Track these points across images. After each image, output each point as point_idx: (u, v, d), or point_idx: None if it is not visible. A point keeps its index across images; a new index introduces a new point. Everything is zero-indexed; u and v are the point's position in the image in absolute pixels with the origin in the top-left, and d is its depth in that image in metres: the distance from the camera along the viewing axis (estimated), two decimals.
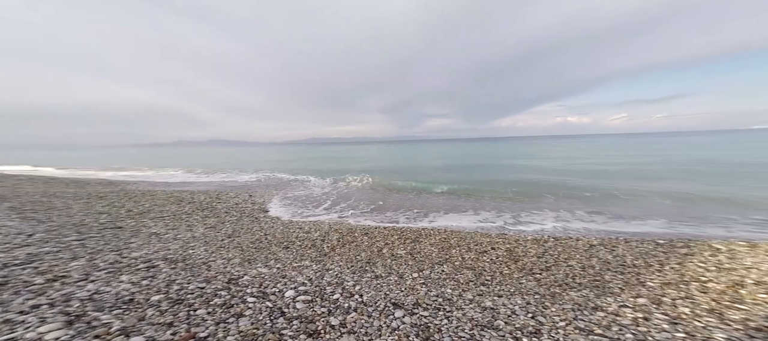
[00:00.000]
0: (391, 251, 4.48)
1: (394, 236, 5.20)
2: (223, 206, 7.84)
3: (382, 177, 14.64)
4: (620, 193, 8.64)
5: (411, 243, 4.75)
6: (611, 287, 2.82)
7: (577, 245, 4.18)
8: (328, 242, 4.91)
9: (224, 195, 9.32)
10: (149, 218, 5.99)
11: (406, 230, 5.52)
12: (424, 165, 22.23)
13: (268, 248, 4.59)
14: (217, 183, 14.06)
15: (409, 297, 2.79)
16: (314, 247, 4.67)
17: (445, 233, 5.17)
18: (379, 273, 3.59)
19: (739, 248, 3.79)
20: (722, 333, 1.90)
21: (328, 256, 4.25)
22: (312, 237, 5.21)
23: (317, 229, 5.85)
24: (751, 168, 13.52)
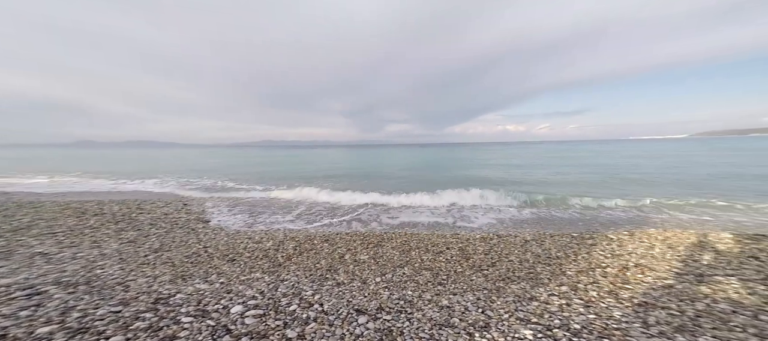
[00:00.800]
0: (354, 257, 4.43)
1: (357, 241, 5.15)
2: (148, 217, 6.66)
3: (344, 182, 14.37)
4: (549, 193, 10.23)
5: (374, 248, 4.78)
6: (542, 278, 3.31)
7: (516, 241, 4.79)
8: (283, 252, 4.59)
9: (148, 205, 7.93)
10: (31, 236, 4.74)
11: (369, 235, 5.52)
12: (386, 170, 22.57)
13: (209, 261, 4.08)
14: (137, 192, 11.91)
15: (373, 301, 2.81)
16: (267, 258, 4.32)
17: (406, 236, 5.34)
18: (341, 280, 3.52)
19: (624, 237, 4.86)
20: (618, 310, 2.41)
21: (284, 266, 3.98)
22: (264, 247, 4.81)
23: (270, 238, 5.42)
24: (632, 171, 17.46)
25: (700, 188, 10.54)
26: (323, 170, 22.36)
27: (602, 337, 1.99)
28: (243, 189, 12.95)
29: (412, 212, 8.15)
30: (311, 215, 7.89)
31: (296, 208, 8.76)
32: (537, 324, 2.34)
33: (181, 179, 16.17)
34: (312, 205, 9.30)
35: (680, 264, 3.50)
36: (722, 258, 3.66)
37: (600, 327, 2.14)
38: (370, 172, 20.55)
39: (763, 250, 3.89)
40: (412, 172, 19.66)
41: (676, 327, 2.05)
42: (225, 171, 21.21)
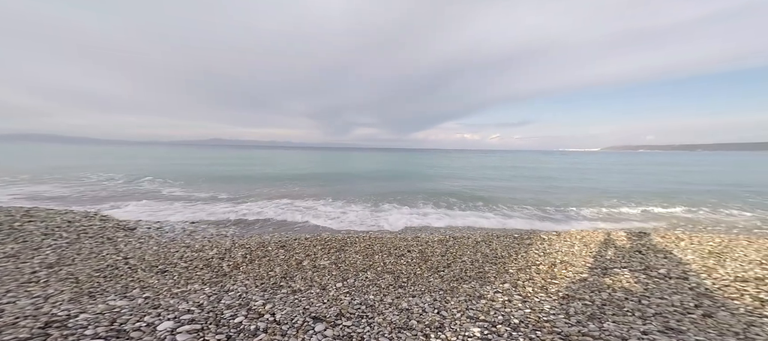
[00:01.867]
0: (313, 263, 4.27)
1: (318, 246, 4.98)
2: (41, 226, 5.45)
3: (303, 185, 13.76)
4: (499, 197, 11.33)
5: (336, 252, 4.68)
6: (489, 277, 3.66)
7: (468, 242, 5.20)
8: (229, 261, 4.21)
9: (40, 212, 6.43)
10: None
11: (330, 240, 5.38)
12: (352, 172, 22.26)
13: (130, 274, 3.57)
14: (27, 195, 9.63)
15: (333, 308, 2.76)
16: (208, 267, 3.92)
17: (370, 240, 5.35)
18: (297, 287, 3.38)
19: (553, 237, 5.67)
20: (548, 303, 2.81)
21: (230, 276, 3.67)
22: (206, 256, 4.35)
23: (214, 246, 4.92)
24: (566, 180, 20.36)
25: (609, 193, 12.90)
26: (283, 172, 21.06)
27: (536, 330, 2.30)
28: (184, 189, 11.47)
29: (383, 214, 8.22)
30: (264, 220, 7.36)
31: (249, 214, 8.08)
32: (484, 321, 2.58)
33: (108, 178, 13.60)
34: (266, 210, 8.69)
35: (592, 259, 4.24)
36: (619, 252, 4.54)
37: (534, 321, 2.47)
38: (338, 174, 20.04)
39: (644, 245, 4.95)
40: (379, 182, 19.78)
41: (589, 315, 2.48)
42: (165, 170, 18.49)
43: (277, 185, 13.62)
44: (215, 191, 11.68)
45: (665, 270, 3.66)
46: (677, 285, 3.17)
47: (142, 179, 14.30)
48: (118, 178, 14.60)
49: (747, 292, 2.91)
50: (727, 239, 5.44)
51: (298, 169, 23.33)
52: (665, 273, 3.54)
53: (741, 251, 4.48)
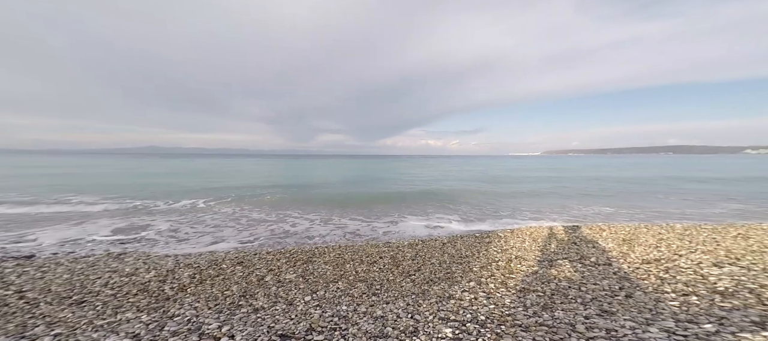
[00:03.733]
0: (277, 278, 3.99)
1: (282, 259, 4.66)
2: None
3: (267, 195, 12.81)
4: (461, 199, 11.99)
5: (303, 265, 4.43)
6: (456, 277, 3.83)
7: (436, 245, 5.39)
8: (173, 283, 3.72)
9: None
10: None
11: (296, 252, 5.08)
12: (319, 181, 21.45)
13: (29, 311, 2.96)
14: None
15: (302, 323, 2.60)
16: (145, 292, 3.43)
17: (340, 249, 5.19)
18: (260, 305, 3.13)
19: (508, 234, 6.22)
20: (508, 298, 3.05)
21: (174, 300, 3.23)
22: (140, 280, 3.79)
23: (152, 268, 4.30)
24: (514, 181, 22.51)
25: (548, 192, 14.68)
26: (239, 182, 19.39)
27: (500, 324, 2.47)
28: (106, 204, 9.82)
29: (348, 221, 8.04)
30: (218, 236, 6.66)
31: (199, 230, 7.22)
32: (455, 321, 2.67)
33: None
34: (219, 225, 7.88)
35: (540, 252, 4.75)
36: (560, 245, 5.18)
37: (498, 315, 2.65)
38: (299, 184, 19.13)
39: (578, 236, 5.73)
40: (345, 187, 19.46)
41: (542, 305, 2.75)
42: (75, 184, 15.58)
43: (236, 197, 12.46)
44: (148, 206, 10.17)
45: (595, 258, 4.28)
46: (604, 271, 3.72)
47: (47, 196, 11.77)
48: (10, 197, 11.81)
49: (651, 272, 3.56)
50: (633, 227, 6.61)
51: (259, 178, 21.68)
52: (595, 261, 4.14)
53: (643, 237, 5.47)
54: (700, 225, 6.62)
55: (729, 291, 2.81)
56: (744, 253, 4.18)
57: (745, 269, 3.53)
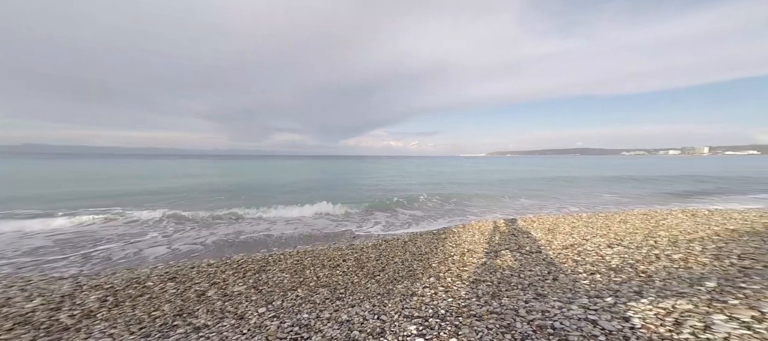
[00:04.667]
0: (223, 291, 3.62)
1: (228, 271, 4.22)
2: None
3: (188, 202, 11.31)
4: (421, 197, 12.52)
5: (254, 275, 4.08)
6: (418, 274, 4.02)
7: (397, 244, 5.55)
8: (73, 310, 3.10)
9: None
10: None
11: (245, 262, 4.64)
12: (267, 183, 19.81)
13: None
14: None
15: (256, 337, 2.44)
16: (28, 325, 2.81)
17: (298, 255, 4.92)
18: (202, 323, 2.82)
19: (460, 229, 6.78)
20: (463, 290, 3.34)
21: (77, 329, 2.73)
22: (19, 311, 3.06)
23: (37, 293, 3.51)
24: (468, 179, 24.50)
25: (493, 189, 16.48)
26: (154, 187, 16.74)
27: (458, 316, 2.69)
28: None
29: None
30: (128, 250, 5.68)
31: (100, 243, 6.04)
32: (418, 318, 2.80)
33: None
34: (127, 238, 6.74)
35: (487, 245, 5.32)
36: (502, 236, 5.89)
37: (455, 308, 2.87)
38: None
39: (515, 228, 6.61)
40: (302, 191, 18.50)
41: (492, 294, 3.10)
42: None
43: (164, 202, 10.67)
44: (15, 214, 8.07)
45: (529, 247, 5.00)
46: (536, 258, 4.38)
47: None
48: None
49: (569, 256, 4.34)
50: (554, 217, 7.93)
51: (196, 180, 18.98)
52: (529, 250, 4.84)
53: (562, 226, 6.62)
54: (597, 214, 8.31)
55: (619, 268, 3.61)
56: (625, 235, 5.41)
57: (626, 247, 4.57)
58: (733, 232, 4.97)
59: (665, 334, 1.75)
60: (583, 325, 2.00)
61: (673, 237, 4.88)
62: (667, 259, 3.74)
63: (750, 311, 1.98)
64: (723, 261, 3.48)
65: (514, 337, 2.02)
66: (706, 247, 4.11)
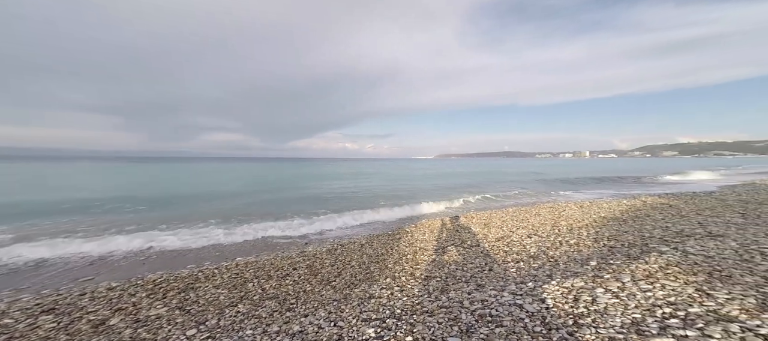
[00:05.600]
0: (134, 317, 3.06)
1: (141, 293, 3.56)
2: None
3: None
4: (376, 198, 12.61)
5: (178, 294, 3.53)
6: (375, 276, 4.08)
7: (354, 247, 5.51)
8: None
9: None
10: None
11: (165, 281, 3.97)
12: (192, 190, 17.12)
13: None
14: None
15: None
16: None
17: (238, 268, 4.42)
18: None
19: (413, 229, 7.16)
20: (417, 288, 3.54)
21: None
22: None
23: None
24: (412, 175, 25.67)
25: (441, 187, 17.83)
26: None
27: (412, 314, 2.84)
28: None
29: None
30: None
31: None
32: (376, 320, 2.86)
33: None
34: None
35: (436, 242, 5.76)
36: (448, 233, 6.47)
37: (410, 306, 3.03)
38: None
39: (459, 225, 7.34)
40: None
41: (441, 289, 3.37)
42: None
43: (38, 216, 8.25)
44: None
45: (470, 242, 5.62)
46: (475, 251, 4.96)
47: None
48: None
49: (500, 248, 5.06)
50: (489, 213, 9.11)
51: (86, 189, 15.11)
52: (470, 244, 5.44)
53: (495, 220, 7.66)
54: (520, 208, 9.90)
55: (536, 255, 4.39)
56: (539, 226, 6.60)
57: (540, 236, 5.59)
58: (604, 219, 6.58)
59: (569, 310, 2.22)
60: (513, 310, 2.37)
61: (570, 226, 6.17)
62: (567, 245, 4.73)
63: (616, 282, 2.68)
64: (599, 243, 4.58)
65: (460, 328, 2.25)
66: (590, 233, 5.35)
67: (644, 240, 4.30)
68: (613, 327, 1.85)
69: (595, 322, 1.95)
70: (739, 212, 5.99)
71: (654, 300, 2.18)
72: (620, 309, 2.11)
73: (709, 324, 1.75)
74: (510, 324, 2.14)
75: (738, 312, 1.86)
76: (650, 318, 1.91)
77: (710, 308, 1.96)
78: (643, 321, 1.87)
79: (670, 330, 1.73)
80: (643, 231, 4.90)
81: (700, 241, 3.81)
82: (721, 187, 12.94)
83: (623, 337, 1.72)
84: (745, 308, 1.91)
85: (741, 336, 1.59)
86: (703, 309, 1.94)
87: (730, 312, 1.87)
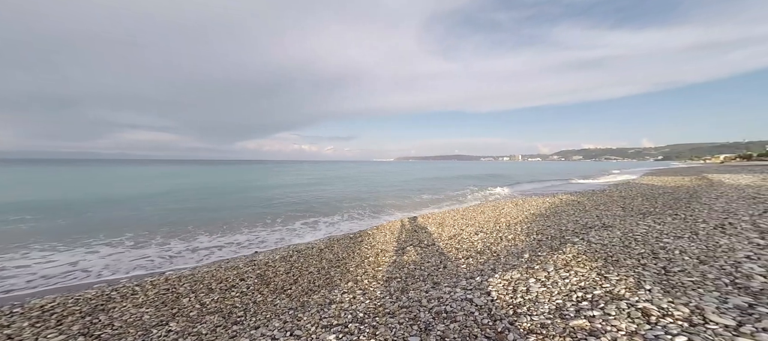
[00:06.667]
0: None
1: (20, 321, 2.87)
2: None
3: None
4: (336, 203, 12.18)
5: (83, 318, 2.92)
6: (336, 281, 3.96)
7: (312, 252, 5.26)
8: None
9: None
10: None
11: (61, 304, 3.23)
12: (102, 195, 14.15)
13: None
14: None
15: None
16: None
17: (167, 283, 3.81)
18: None
19: (374, 231, 7.20)
20: (379, 290, 3.57)
21: None
22: None
23: None
24: (385, 180, 25.75)
25: (400, 191, 18.32)
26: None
27: (375, 316, 2.85)
28: None
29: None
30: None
31: None
32: (337, 326, 2.78)
33: None
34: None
35: (396, 243, 5.91)
36: (407, 234, 6.71)
37: (372, 309, 3.03)
38: None
39: (417, 225, 7.68)
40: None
41: (401, 289, 3.47)
42: None
43: None
44: None
45: (427, 241, 5.94)
46: (432, 250, 5.26)
47: None
48: None
49: (453, 246, 5.48)
50: (443, 212, 9.78)
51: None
52: (427, 243, 5.75)
53: (448, 220, 8.26)
54: (468, 207, 10.89)
55: (482, 250, 4.89)
56: (484, 223, 7.37)
57: (485, 233, 6.25)
58: (533, 215, 7.72)
59: (509, 301, 2.53)
60: (464, 305, 2.58)
61: (508, 222, 7.06)
62: (506, 240, 5.39)
63: (544, 272, 3.17)
64: (530, 237, 5.35)
65: (420, 327, 2.35)
66: (523, 228, 6.21)
67: (562, 233, 5.19)
68: (543, 313, 2.18)
69: (529, 310, 2.27)
70: (620, 207, 7.72)
71: (571, 285, 2.65)
72: (547, 296, 2.50)
73: (607, 303, 2.20)
74: (463, 319, 2.32)
75: (624, 291, 2.39)
76: (569, 302, 2.31)
77: (607, 289, 2.48)
78: (564, 306, 2.25)
79: (583, 311, 2.12)
80: (560, 225, 5.89)
81: (599, 232, 4.78)
82: (609, 185, 16.46)
83: (551, 322, 2.04)
84: (628, 287, 2.47)
85: (627, 311, 2.05)
86: (603, 291, 2.44)
87: (619, 291, 2.40)
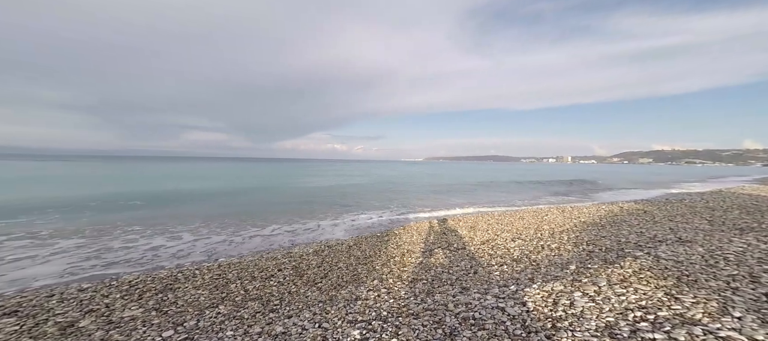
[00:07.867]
0: (107, 318, 2.98)
1: (114, 294, 3.43)
2: None
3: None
4: (366, 200, 12.53)
5: (156, 295, 3.41)
6: (362, 278, 4.03)
7: (342, 248, 5.44)
8: None
9: None
10: None
11: (143, 281, 3.83)
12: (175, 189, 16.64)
13: None
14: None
15: None
16: None
17: (220, 269, 4.29)
18: None
19: (401, 231, 7.15)
20: (403, 290, 3.52)
21: None
22: None
23: None
24: (403, 180, 25.72)
25: (428, 191, 17.95)
26: None
27: (398, 316, 2.81)
28: None
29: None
30: None
31: None
32: (362, 322, 2.81)
33: None
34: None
35: (423, 244, 5.76)
36: (435, 236, 6.50)
37: (396, 308, 3.00)
38: None
39: (446, 228, 7.39)
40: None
41: (427, 291, 3.37)
42: None
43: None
44: None
45: (456, 244, 5.67)
46: (461, 254, 5.00)
47: None
48: None
49: (486, 251, 5.13)
50: (476, 216, 9.24)
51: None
52: (456, 247, 5.49)
53: (480, 223, 7.77)
54: (506, 212, 10.09)
55: (519, 258, 4.47)
56: (523, 229, 6.74)
57: (524, 240, 5.71)
58: (584, 223, 6.80)
59: (548, 313, 2.26)
60: (495, 313, 2.39)
61: (552, 230, 6.34)
62: (548, 249, 4.84)
63: (593, 286, 2.76)
64: (579, 247, 4.72)
65: (444, 331, 2.24)
66: (570, 237, 5.51)
67: (620, 245, 4.47)
68: (588, 330, 1.90)
69: (571, 325, 1.99)
70: (706, 219, 6.34)
71: (627, 303, 2.25)
72: (595, 312, 2.17)
73: (675, 327, 1.82)
74: (492, 327, 2.15)
75: (701, 315, 1.94)
76: (623, 321, 1.97)
77: (677, 311, 2.04)
78: (616, 325, 1.92)
79: (640, 333, 1.78)
80: (619, 236, 5.09)
81: (671, 246, 3.99)
82: (690, 194, 13.70)
83: (597, 340, 1.76)
84: (708, 311, 2.00)
85: (703, 339, 1.66)
86: (671, 313, 2.02)
87: (694, 315, 1.95)
